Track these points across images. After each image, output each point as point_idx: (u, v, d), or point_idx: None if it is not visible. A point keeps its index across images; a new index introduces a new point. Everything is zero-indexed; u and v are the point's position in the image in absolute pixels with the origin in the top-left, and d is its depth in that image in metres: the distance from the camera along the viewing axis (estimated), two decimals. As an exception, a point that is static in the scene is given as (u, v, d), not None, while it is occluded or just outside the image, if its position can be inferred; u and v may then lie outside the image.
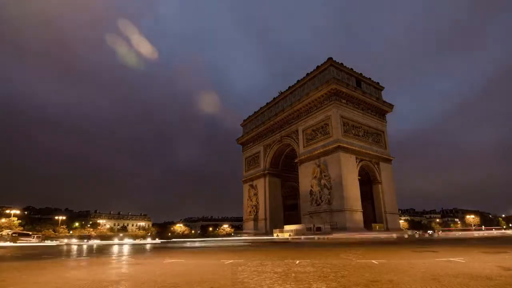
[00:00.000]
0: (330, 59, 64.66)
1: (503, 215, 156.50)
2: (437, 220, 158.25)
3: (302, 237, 52.82)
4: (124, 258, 19.65)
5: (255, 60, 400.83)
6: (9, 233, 56.72)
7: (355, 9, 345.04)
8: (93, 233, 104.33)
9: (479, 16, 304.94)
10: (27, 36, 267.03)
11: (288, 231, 60.52)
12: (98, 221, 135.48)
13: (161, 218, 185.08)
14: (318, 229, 55.46)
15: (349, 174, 57.87)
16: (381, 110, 69.88)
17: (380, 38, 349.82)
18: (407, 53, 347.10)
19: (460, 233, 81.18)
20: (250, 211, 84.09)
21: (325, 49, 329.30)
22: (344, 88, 62.24)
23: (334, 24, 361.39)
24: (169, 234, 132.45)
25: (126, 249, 32.57)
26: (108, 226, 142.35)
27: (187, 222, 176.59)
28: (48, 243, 56.37)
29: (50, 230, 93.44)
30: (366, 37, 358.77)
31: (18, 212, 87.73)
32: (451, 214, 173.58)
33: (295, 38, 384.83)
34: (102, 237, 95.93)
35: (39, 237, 60.71)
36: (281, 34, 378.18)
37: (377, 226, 59.15)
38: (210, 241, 58.42)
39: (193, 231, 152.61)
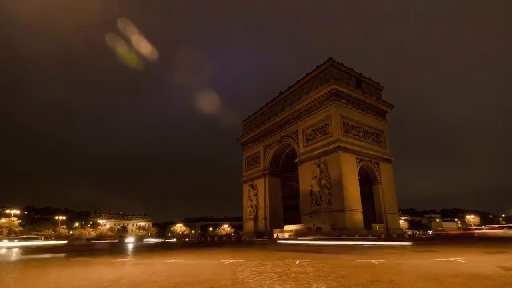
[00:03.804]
0: (330, 59, 64.63)
1: (503, 215, 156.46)
2: (437, 220, 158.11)
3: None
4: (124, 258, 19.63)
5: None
6: None
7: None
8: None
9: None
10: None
11: (288, 231, 60.47)
12: (98, 221, 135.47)
13: (161, 218, 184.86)
14: (318, 229, 55.46)
15: (349, 174, 57.84)
16: (381, 110, 69.83)
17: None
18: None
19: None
20: (250, 211, 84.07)
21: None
22: (344, 88, 62.20)
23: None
24: (169, 234, 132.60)
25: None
26: (108, 226, 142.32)
27: (187, 222, 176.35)
28: None
29: (50, 230, 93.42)
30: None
31: (18, 212, 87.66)
32: (451, 214, 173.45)
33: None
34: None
35: None
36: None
37: (377, 226, 59.14)
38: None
39: (193, 231, 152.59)
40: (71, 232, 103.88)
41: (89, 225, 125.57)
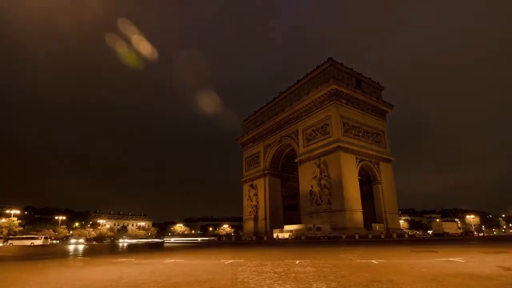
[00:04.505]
0: (330, 59, 64.60)
1: (503, 215, 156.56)
2: (437, 220, 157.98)
3: None
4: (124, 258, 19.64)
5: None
6: None
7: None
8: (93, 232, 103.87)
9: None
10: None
11: (288, 231, 60.45)
12: (98, 221, 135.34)
13: (161, 218, 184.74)
14: (318, 229, 55.43)
15: (349, 174, 57.82)
16: (381, 110, 69.82)
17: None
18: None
19: None
20: (250, 211, 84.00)
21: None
22: (344, 88, 62.18)
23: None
24: (169, 234, 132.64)
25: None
26: (108, 226, 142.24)
27: (187, 222, 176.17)
28: None
29: (50, 230, 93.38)
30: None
31: (18, 212, 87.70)
32: (451, 214, 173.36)
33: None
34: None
35: None
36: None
37: (377, 226, 59.09)
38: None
39: (193, 231, 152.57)
40: (71, 232, 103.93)
41: (89, 225, 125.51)
